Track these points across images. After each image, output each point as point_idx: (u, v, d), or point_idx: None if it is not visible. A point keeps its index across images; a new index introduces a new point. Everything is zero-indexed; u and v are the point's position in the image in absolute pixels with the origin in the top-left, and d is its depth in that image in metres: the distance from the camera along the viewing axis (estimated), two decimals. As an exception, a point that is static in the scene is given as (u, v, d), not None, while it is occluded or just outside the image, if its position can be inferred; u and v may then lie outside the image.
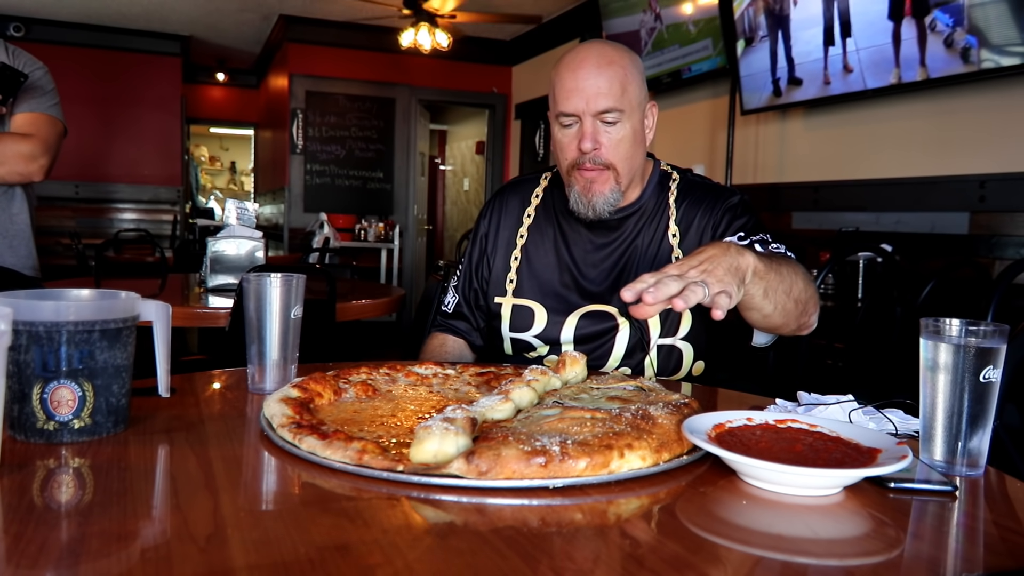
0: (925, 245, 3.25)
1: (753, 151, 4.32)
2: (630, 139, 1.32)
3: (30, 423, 0.83)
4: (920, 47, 3.03)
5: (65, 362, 0.82)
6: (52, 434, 0.83)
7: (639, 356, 1.39)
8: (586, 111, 1.28)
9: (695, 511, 0.72)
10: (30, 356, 0.81)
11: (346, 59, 7.03)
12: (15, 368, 0.82)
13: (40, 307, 0.81)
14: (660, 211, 1.42)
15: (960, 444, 0.82)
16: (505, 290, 1.46)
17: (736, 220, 1.38)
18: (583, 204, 1.34)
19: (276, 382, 1.08)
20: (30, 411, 0.82)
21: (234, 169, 12.21)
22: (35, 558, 0.56)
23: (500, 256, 1.49)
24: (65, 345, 0.82)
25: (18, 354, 0.81)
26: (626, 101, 1.30)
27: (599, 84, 1.28)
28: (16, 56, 2.07)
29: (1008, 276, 1.89)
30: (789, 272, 1.17)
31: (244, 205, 2.91)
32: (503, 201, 1.54)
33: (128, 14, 6.76)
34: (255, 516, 0.67)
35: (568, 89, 1.29)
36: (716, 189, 1.43)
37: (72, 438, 0.83)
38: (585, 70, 1.29)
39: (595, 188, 1.32)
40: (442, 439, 0.75)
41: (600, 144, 1.30)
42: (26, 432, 0.83)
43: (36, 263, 2.17)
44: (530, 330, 1.42)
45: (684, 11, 4.43)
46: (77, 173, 7.02)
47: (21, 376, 0.82)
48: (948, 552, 0.66)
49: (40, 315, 0.81)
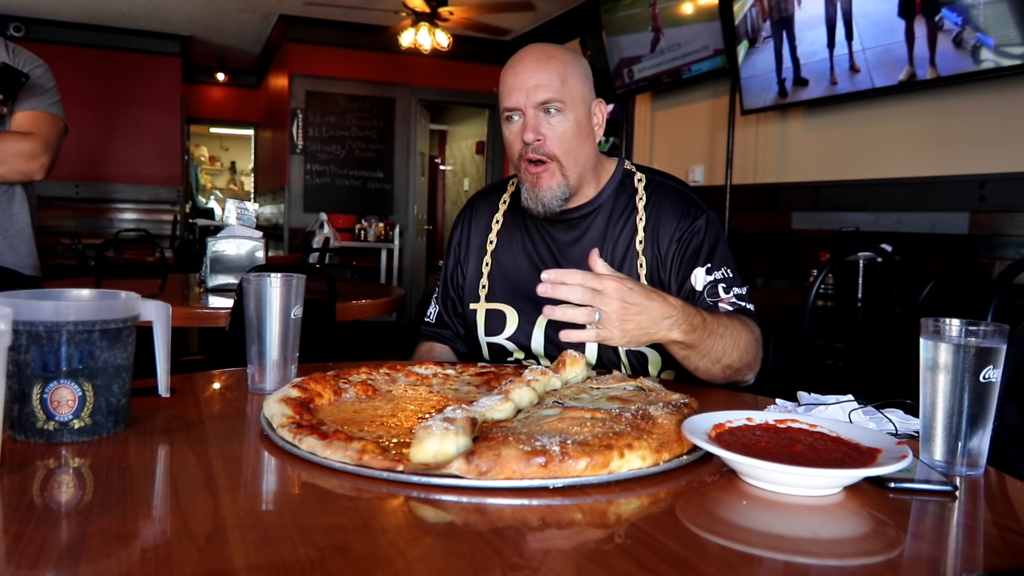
0: (925, 245, 3.25)
1: (753, 151, 4.32)
2: (573, 131, 1.33)
3: (30, 423, 0.83)
4: (930, 46, 3.02)
5: (65, 362, 0.82)
6: (52, 434, 0.83)
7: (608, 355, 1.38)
8: (527, 104, 1.32)
9: (695, 511, 0.72)
10: (30, 356, 0.81)
11: (346, 59, 7.03)
12: (15, 368, 0.82)
13: (40, 307, 0.81)
14: (626, 212, 1.41)
15: (960, 444, 0.82)
16: (479, 296, 1.48)
17: (705, 243, 1.36)
18: (532, 199, 1.36)
19: (276, 382, 1.08)
20: (30, 411, 0.82)
21: (234, 169, 12.21)
22: (35, 558, 0.56)
23: (472, 263, 1.51)
24: (65, 345, 0.82)
25: (18, 354, 0.81)
26: (566, 93, 1.32)
27: (538, 77, 1.31)
28: (17, 54, 2.07)
29: (1008, 276, 1.88)
30: (727, 340, 1.20)
31: (244, 205, 2.91)
32: (472, 210, 1.57)
33: (128, 14, 6.77)
34: (255, 516, 0.67)
35: (509, 86, 1.34)
36: (687, 200, 1.41)
37: (72, 438, 0.83)
38: (524, 65, 1.33)
39: (541, 182, 1.34)
40: (442, 439, 0.75)
41: (543, 135, 1.32)
42: (26, 432, 0.83)
43: (37, 263, 2.17)
44: (502, 333, 1.44)
45: (684, 11, 4.44)
46: (77, 173, 7.02)
47: (21, 376, 0.82)
48: (948, 552, 0.66)
49: (40, 315, 0.81)
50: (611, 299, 1.04)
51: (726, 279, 1.34)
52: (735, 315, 1.28)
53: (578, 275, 1.04)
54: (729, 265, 1.36)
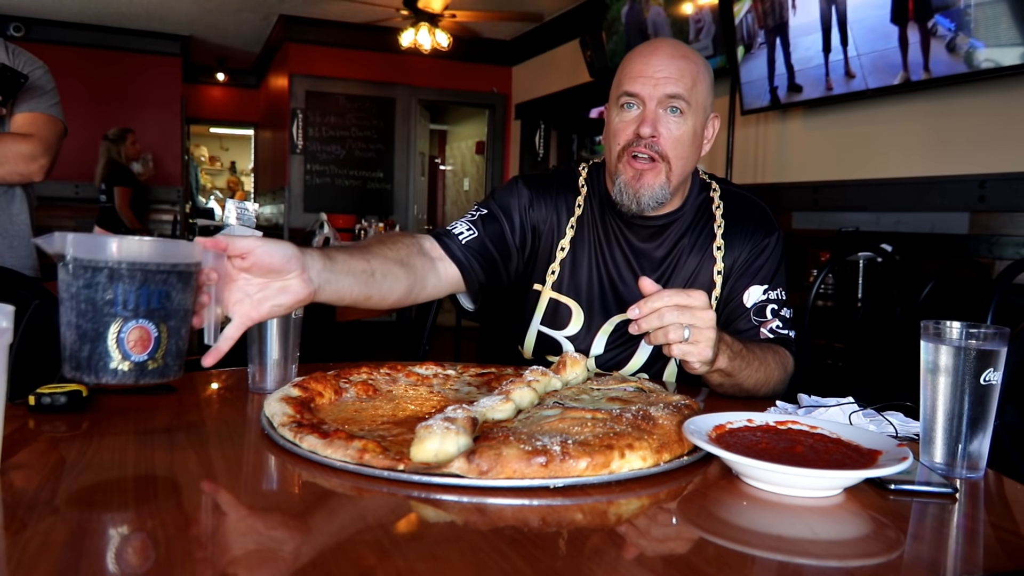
0: (925, 245, 3.25)
1: (753, 151, 4.32)
2: (689, 137, 1.26)
3: (103, 363, 0.81)
4: (924, 52, 3.03)
5: (145, 302, 0.82)
6: (125, 374, 0.82)
7: (659, 365, 1.36)
8: (652, 95, 1.24)
9: (695, 511, 0.72)
10: (110, 294, 0.80)
11: (346, 59, 7.03)
12: (89, 307, 0.80)
13: (127, 245, 0.81)
14: (704, 221, 1.36)
15: (960, 446, 0.82)
16: (545, 279, 1.37)
17: (770, 262, 1.34)
18: (628, 196, 1.27)
19: (277, 381, 1.09)
20: (104, 350, 0.81)
21: (234, 169, 12.20)
22: (35, 557, 0.56)
23: (545, 240, 1.38)
24: (147, 285, 0.82)
25: (94, 292, 0.80)
26: (694, 96, 1.25)
27: (670, 71, 1.24)
28: (16, 55, 2.06)
29: (1008, 276, 1.88)
30: (758, 371, 1.19)
31: (244, 205, 2.91)
32: (549, 186, 1.41)
33: (128, 14, 6.76)
34: (256, 515, 0.67)
35: (637, 71, 1.25)
36: (764, 214, 1.37)
37: (145, 379, 0.83)
38: (658, 56, 1.25)
39: (644, 179, 1.26)
40: (443, 438, 0.75)
41: (659, 133, 1.24)
42: (96, 372, 0.81)
43: (36, 263, 2.17)
44: (564, 330, 1.36)
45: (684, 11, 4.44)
46: (77, 173, 7.00)
47: (97, 315, 0.80)
48: (948, 554, 0.66)
49: (125, 254, 0.80)
50: (702, 312, 1.02)
51: (779, 301, 1.32)
52: (773, 346, 1.27)
53: (664, 296, 1.01)
54: (784, 287, 1.34)
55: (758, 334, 1.30)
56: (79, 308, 0.80)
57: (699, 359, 1.05)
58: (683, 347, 1.03)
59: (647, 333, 1.03)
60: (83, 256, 0.79)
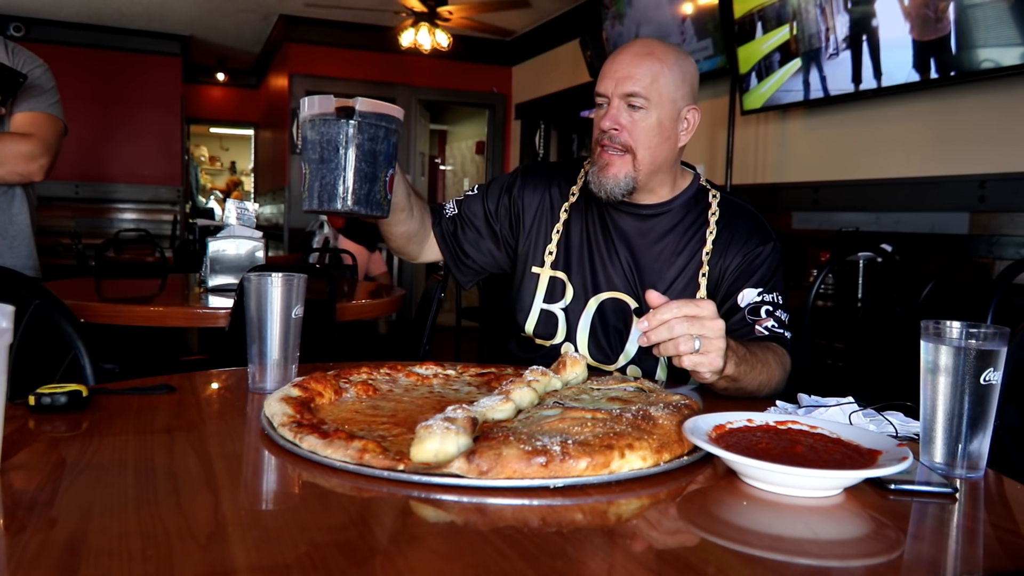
0: (925, 245, 3.25)
1: (753, 151, 4.32)
2: (654, 129, 1.35)
3: (375, 199, 1.09)
4: (924, 52, 3.02)
5: (395, 153, 1.09)
6: (384, 209, 1.11)
7: (651, 360, 1.39)
8: (614, 92, 1.35)
9: (695, 511, 0.72)
10: (384, 146, 1.07)
11: (346, 59, 7.02)
12: (368, 155, 1.06)
13: (395, 108, 1.09)
14: (697, 223, 1.43)
15: (960, 446, 0.82)
16: (543, 261, 1.48)
17: (763, 267, 1.38)
18: (596, 183, 1.38)
19: (277, 381, 1.08)
20: (378, 189, 1.08)
21: (234, 169, 12.20)
22: (35, 558, 0.56)
23: (537, 222, 1.50)
24: (395, 139, 1.09)
25: (375, 144, 1.07)
26: (654, 91, 1.34)
27: (630, 70, 1.34)
28: (16, 54, 2.06)
29: (1008, 276, 1.88)
30: (761, 373, 1.20)
31: (244, 205, 2.91)
32: (549, 174, 1.56)
33: (128, 14, 6.76)
34: (256, 515, 0.67)
35: (603, 72, 1.38)
36: (759, 224, 1.43)
37: (383, 213, 1.12)
38: (621, 57, 1.37)
39: (611, 169, 1.36)
40: (443, 438, 0.75)
41: (621, 125, 1.35)
42: (370, 206, 1.09)
43: (36, 263, 2.17)
44: (559, 302, 1.45)
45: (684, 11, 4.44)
46: (77, 173, 7.01)
47: (375, 161, 1.07)
48: (948, 554, 0.66)
49: (394, 112, 1.09)
50: (711, 322, 1.03)
51: (774, 303, 1.35)
52: (771, 345, 1.28)
53: (673, 307, 1.02)
54: (781, 293, 1.37)
55: (752, 331, 1.32)
56: (363, 155, 1.06)
57: (710, 369, 1.05)
58: (694, 358, 1.04)
59: (656, 345, 1.03)
60: (370, 114, 1.06)
